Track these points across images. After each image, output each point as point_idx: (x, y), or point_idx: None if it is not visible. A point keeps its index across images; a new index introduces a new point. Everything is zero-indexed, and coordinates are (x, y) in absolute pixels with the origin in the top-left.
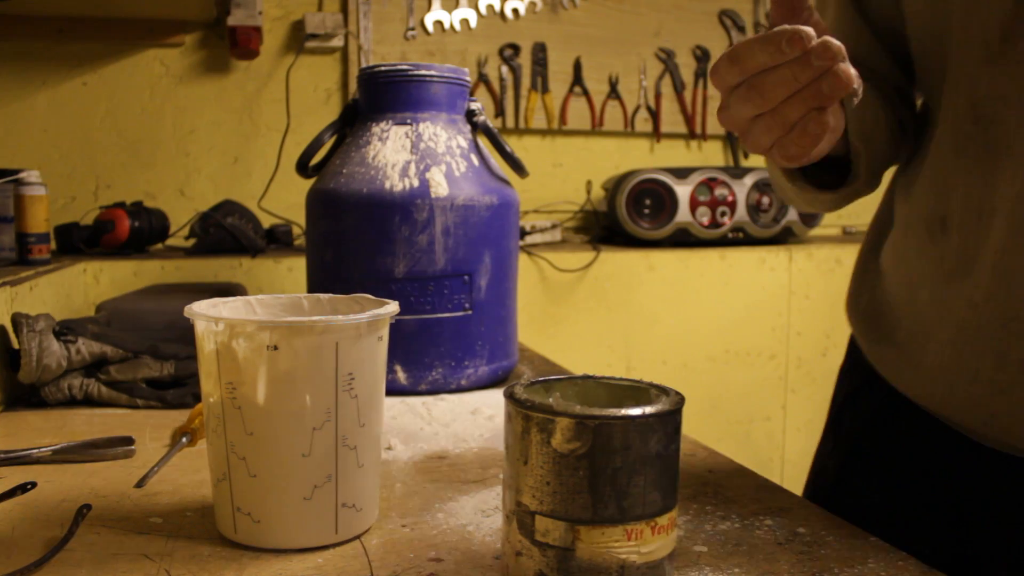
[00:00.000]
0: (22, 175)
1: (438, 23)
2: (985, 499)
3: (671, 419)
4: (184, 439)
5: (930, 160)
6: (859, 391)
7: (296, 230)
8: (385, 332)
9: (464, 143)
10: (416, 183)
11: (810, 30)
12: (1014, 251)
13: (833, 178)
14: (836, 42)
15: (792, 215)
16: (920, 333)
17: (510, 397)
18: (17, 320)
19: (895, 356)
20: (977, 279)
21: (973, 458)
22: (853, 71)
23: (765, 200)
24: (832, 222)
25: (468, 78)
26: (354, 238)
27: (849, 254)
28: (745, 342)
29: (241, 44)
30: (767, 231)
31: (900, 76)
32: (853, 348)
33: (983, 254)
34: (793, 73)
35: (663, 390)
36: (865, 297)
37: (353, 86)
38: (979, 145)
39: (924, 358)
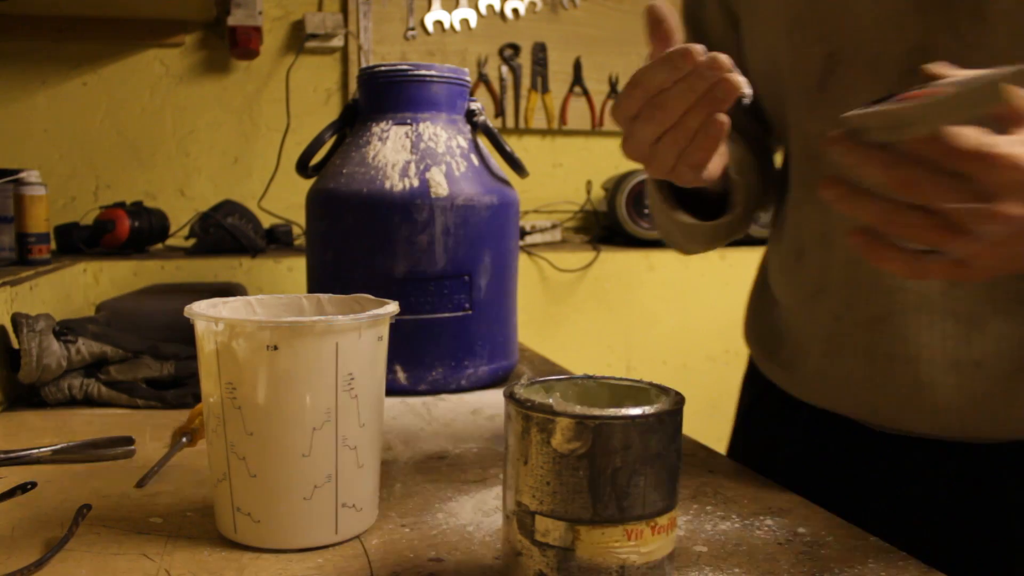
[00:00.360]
0: (22, 175)
1: (438, 23)
2: (892, 480)
3: (671, 419)
4: (184, 439)
5: (788, 199)
6: (760, 398)
7: (296, 230)
8: (385, 332)
9: (464, 143)
10: (416, 183)
11: (699, 46)
12: (859, 264)
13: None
14: (723, 55)
15: None
16: (800, 350)
17: (510, 397)
18: (17, 320)
19: (782, 372)
20: (834, 293)
21: (875, 443)
22: (742, 77)
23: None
24: None
25: (468, 78)
26: (354, 238)
27: None
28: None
29: (241, 44)
30: (767, 231)
31: (759, 129)
32: (752, 361)
33: (834, 272)
34: (690, 85)
35: (663, 390)
36: (758, 325)
37: (353, 86)
38: (813, 179)
39: (806, 369)
